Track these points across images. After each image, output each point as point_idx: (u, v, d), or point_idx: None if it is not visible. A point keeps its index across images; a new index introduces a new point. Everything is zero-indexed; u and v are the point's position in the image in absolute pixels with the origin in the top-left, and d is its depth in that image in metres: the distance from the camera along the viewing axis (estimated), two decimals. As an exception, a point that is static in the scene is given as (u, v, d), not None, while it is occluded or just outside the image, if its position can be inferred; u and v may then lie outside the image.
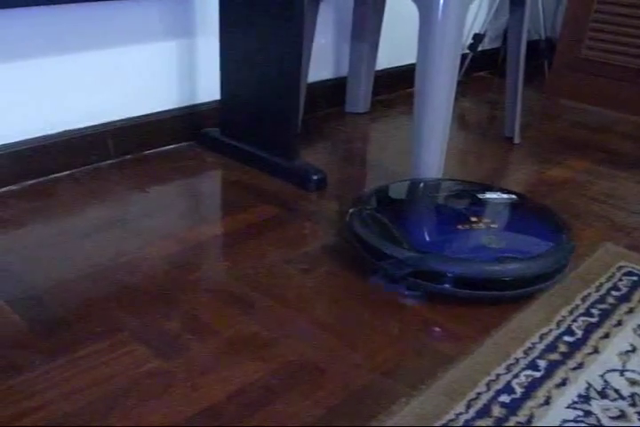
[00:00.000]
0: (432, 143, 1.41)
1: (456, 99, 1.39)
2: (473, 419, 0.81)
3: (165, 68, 1.58)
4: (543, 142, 1.81)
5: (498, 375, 0.89)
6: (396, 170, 1.56)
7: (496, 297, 1.05)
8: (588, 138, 1.87)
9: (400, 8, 2.01)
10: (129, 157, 1.54)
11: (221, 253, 1.16)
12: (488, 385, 0.87)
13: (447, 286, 1.03)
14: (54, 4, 1.26)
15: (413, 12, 1.33)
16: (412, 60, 1.41)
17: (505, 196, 1.26)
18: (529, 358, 0.93)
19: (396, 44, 2.13)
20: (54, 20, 1.33)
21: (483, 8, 2.41)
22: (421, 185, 1.34)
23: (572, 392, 0.87)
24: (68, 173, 1.44)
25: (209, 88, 1.68)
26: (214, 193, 1.41)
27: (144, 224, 1.25)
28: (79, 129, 1.46)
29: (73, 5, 1.34)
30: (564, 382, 0.88)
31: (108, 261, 1.12)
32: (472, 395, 0.85)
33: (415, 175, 1.44)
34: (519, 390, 0.87)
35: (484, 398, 0.85)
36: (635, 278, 1.14)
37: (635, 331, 1.00)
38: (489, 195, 1.25)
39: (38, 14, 1.30)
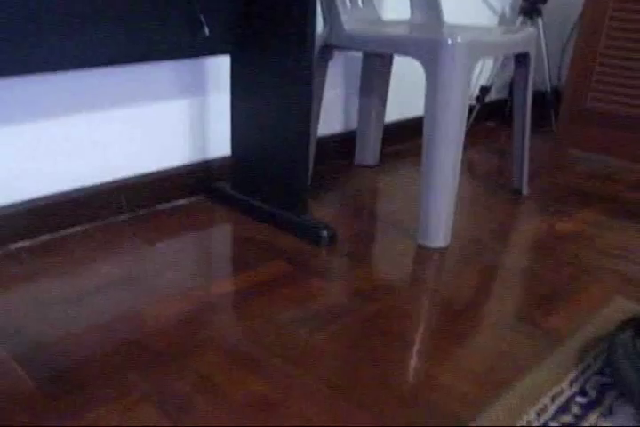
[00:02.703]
0: (440, 195, 1.42)
1: (464, 149, 1.41)
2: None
3: (178, 124, 1.61)
4: (551, 193, 1.82)
5: (510, 439, 0.88)
6: (405, 224, 1.57)
7: None
8: (597, 188, 1.88)
9: (408, 61, 2.06)
10: (142, 211, 1.57)
11: (231, 312, 1.17)
12: (500, 449, 0.86)
13: None
14: (78, 69, 1.30)
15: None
16: (422, 112, 1.44)
17: None
18: (541, 421, 0.91)
19: (405, 96, 2.18)
20: (70, 80, 1.38)
21: (488, 61, 2.46)
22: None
23: (585, 457, 0.85)
24: (81, 228, 1.47)
25: (220, 144, 1.71)
26: (224, 249, 1.42)
27: (155, 281, 1.26)
28: (93, 185, 1.50)
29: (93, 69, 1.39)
30: (577, 447, 0.87)
31: (119, 318, 1.12)
32: (484, 460, 0.84)
33: (423, 227, 1.45)
34: (532, 455, 0.85)
35: (496, 464, 0.83)
36: (647, 335, 1.13)
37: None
38: None
39: (53, 75, 1.35)
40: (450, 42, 1.32)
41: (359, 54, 1.94)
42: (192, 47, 1.43)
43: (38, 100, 1.35)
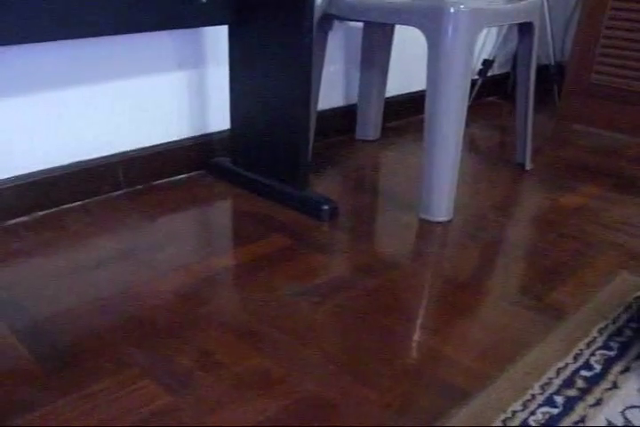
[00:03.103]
0: (443, 170, 1.40)
1: (466, 124, 1.39)
2: (490, 459, 0.79)
3: (176, 98, 1.59)
4: (555, 168, 1.80)
5: (514, 412, 0.87)
6: (407, 198, 1.56)
7: None
8: (600, 163, 1.86)
9: (409, 34, 2.02)
10: (140, 186, 1.55)
11: (232, 286, 1.15)
12: (504, 422, 0.85)
13: None
14: (71, 38, 1.27)
15: (422, 37, 1.34)
16: (423, 87, 1.41)
17: None
18: (546, 394, 0.90)
19: (406, 70, 2.14)
20: (68, 53, 1.35)
21: (491, 34, 2.42)
22: None
23: (591, 430, 0.85)
24: (79, 203, 1.45)
25: (220, 117, 1.69)
26: (225, 223, 1.41)
27: (155, 256, 1.24)
28: (90, 160, 1.47)
29: (87, 39, 1.36)
30: (582, 420, 0.86)
31: (119, 293, 1.11)
32: (488, 434, 0.83)
33: (425, 202, 1.43)
34: (537, 429, 0.84)
35: (501, 437, 0.83)
36: (652, 309, 1.12)
37: (654, 365, 0.98)
38: None
39: (52, 48, 1.32)
40: (452, 10, 1.29)
41: (360, 26, 1.90)
42: (188, 17, 1.39)
43: (32, 72, 1.32)
